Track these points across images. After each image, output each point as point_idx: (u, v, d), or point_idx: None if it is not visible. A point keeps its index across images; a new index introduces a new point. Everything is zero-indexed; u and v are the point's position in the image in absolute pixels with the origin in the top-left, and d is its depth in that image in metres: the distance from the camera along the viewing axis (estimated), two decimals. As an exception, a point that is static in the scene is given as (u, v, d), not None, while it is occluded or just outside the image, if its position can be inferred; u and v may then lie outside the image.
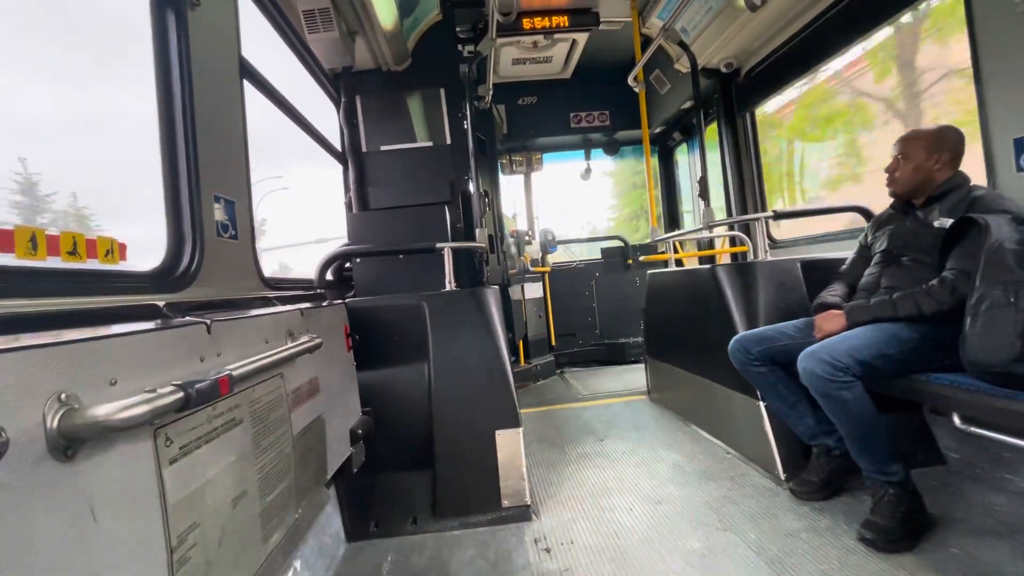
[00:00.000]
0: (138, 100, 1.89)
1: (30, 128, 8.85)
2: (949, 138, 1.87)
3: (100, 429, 0.69)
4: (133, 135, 13.24)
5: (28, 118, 9.31)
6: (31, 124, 8.92)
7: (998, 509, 1.78)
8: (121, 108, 28.59)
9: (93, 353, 0.75)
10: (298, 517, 1.46)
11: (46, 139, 17.63)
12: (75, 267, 1.14)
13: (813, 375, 1.75)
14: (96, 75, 31.00)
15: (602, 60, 5.09)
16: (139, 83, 1.65)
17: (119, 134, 29.68)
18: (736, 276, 2.53)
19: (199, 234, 1.60)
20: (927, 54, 3.22)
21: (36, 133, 8.92)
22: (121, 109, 27.54)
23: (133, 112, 27.85)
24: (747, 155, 4.17)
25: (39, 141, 9.83)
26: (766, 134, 4.26)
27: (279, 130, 2.85)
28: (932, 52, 3.15)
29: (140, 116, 1.98)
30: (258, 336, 1.31)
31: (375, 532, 2.06)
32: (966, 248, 1.68)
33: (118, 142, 27.41)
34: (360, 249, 3.10)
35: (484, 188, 4.27)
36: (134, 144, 14.29)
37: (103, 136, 31.29)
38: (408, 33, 3.54)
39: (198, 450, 0.97)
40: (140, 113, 1.72)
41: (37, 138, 9.20)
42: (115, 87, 29.25)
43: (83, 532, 0.69)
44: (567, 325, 5.55)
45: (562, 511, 2.13)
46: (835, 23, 3.08)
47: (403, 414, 2.21)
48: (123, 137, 26.44)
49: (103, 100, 33.52)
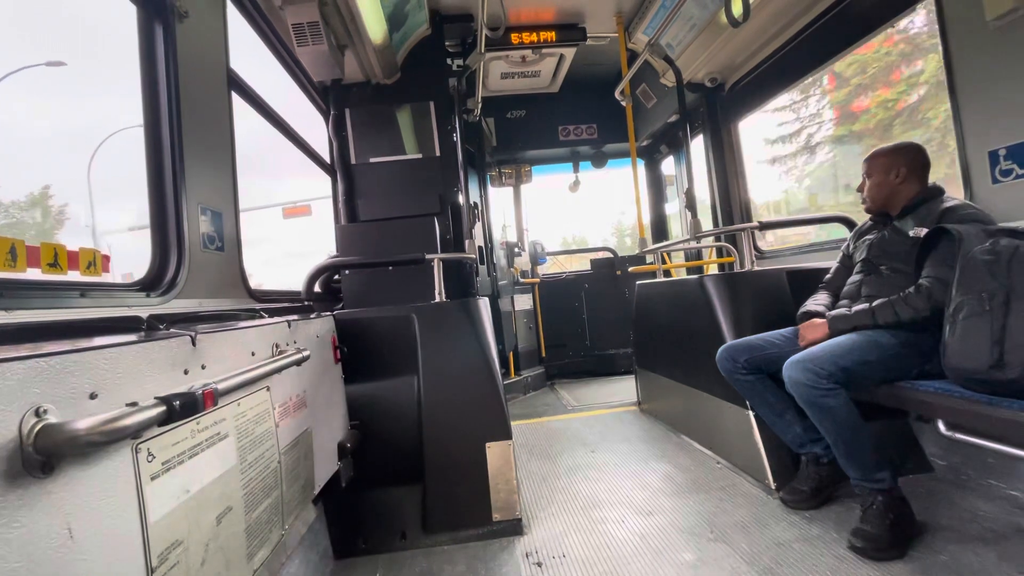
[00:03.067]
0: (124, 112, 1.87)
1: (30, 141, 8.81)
2: (905, 154, 1.96)
3: (79, 444, 0.67)
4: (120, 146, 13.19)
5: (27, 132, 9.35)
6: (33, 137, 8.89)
7: (984, 515, 1.80)
8: (110, 119, 28.40)
9: (72, 366, 0.73)
10: (284, 533, 1.43)
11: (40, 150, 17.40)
12: (56, 278, 1.12)
13: (798, 383, 1.77)
14: (82, 86, 30.71)
15: (589, 74, 5.17)
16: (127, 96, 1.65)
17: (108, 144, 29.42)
18: (723, 286, 2.56)
19: (184, 245, 1.58)
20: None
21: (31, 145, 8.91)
22: (109, 120, 27.35)
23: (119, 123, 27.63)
24: (732, 167, 4.24)
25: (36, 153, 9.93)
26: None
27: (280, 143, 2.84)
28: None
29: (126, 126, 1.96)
30: (244, 349, 1.29)
31: (363, 549, 2.02)
32: (940, 256, 1.73)
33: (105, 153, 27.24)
34: (349, 261, 3.08)
35: (473, 200, 4.28)
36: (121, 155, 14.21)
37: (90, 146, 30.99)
38: (398, 47, 3.56)
39: (181, 465, 0.94)
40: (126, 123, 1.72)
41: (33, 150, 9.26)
42: (104, 98, 29.06)
43: (60, 551, 0.67)
44: (557, 336, 5.55)
45: (553, 524, 2.11)
46: (815, 40, 3.16)
47: (392, 427, 2.18)
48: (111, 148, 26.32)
49: (91, 110, 33.19)
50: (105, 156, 9.72)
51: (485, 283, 4.36)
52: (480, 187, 4.84)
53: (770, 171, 10.13)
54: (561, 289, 5.67)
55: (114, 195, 23.64)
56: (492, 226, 5.02)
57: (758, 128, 9.94)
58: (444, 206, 3.67)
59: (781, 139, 10.51)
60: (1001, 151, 1.94)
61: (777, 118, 10.31)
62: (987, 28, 1.93)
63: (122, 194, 22.85)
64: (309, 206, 16.38)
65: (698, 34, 3.62)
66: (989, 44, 1.94)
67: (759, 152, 9.47)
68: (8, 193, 13.75)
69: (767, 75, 3.67)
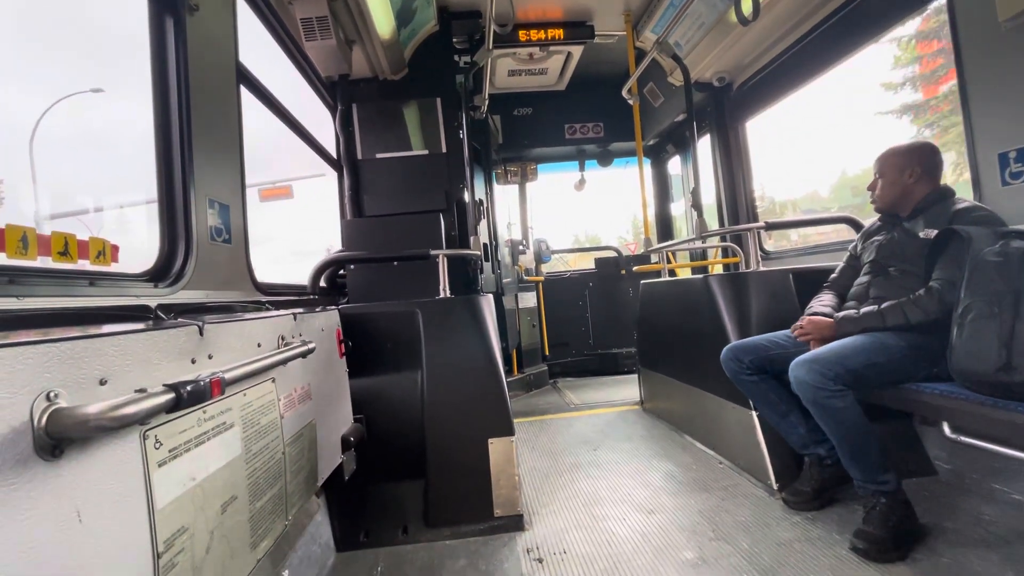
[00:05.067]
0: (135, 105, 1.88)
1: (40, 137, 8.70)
2: (920, 153, 1.94)
3: (88, 429, 0.68)
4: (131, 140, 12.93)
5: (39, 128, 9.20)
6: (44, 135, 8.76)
7: (988, 519, 1.79)
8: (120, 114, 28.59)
9: (82, 352, 0.74)
10: (288, 524, 1.44)
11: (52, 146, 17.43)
12: (67, 267, 1.13)
13: (804, 384, 1.76)
14: (95, 81, 30.85)
15: (597, 72, 5.15)
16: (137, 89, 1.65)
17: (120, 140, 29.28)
18: (729, 286, 2.55)
19: (192, 237, 1.59)
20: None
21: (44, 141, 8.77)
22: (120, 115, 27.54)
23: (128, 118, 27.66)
24: (739, 167, 4.22)
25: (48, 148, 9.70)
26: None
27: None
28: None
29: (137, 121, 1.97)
30: (251, 339, 1.30)
31: (365, 542, 2.03)
32: (950, 258, 1.71)
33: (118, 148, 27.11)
34: (354, 255, 3.09)
35: (479, 197, 4.28)
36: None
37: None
38: (405, 43, 3.57)
39: (188, 453, 0.95)
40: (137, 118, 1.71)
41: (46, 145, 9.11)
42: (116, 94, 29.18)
43: (68, 533, 0.68)
44: (560, 335, 5.55)
45: (555, 521, 2.12)
46: (825, 39, 3.14)
47: (395, 422, 2.19)
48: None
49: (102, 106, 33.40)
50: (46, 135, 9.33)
51: (489, 280, 4.37)
52: (486, 184, 4.84)
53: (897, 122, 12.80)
54: (565, 288, 5.67)
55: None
56: (497, 223, 5.02)
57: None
58: (450, 203, 3.67)
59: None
60: (1011, 153, 1.92)
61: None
62: (999, 29, 1.91)
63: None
64: (290, 187, 13.72)
65: (707, 33, 3.60)
66: (1001, 45, 1.93)
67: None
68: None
69: (776, 75, 3.65)
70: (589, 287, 5.68)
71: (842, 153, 16.28)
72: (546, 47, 4.11)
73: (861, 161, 15.20)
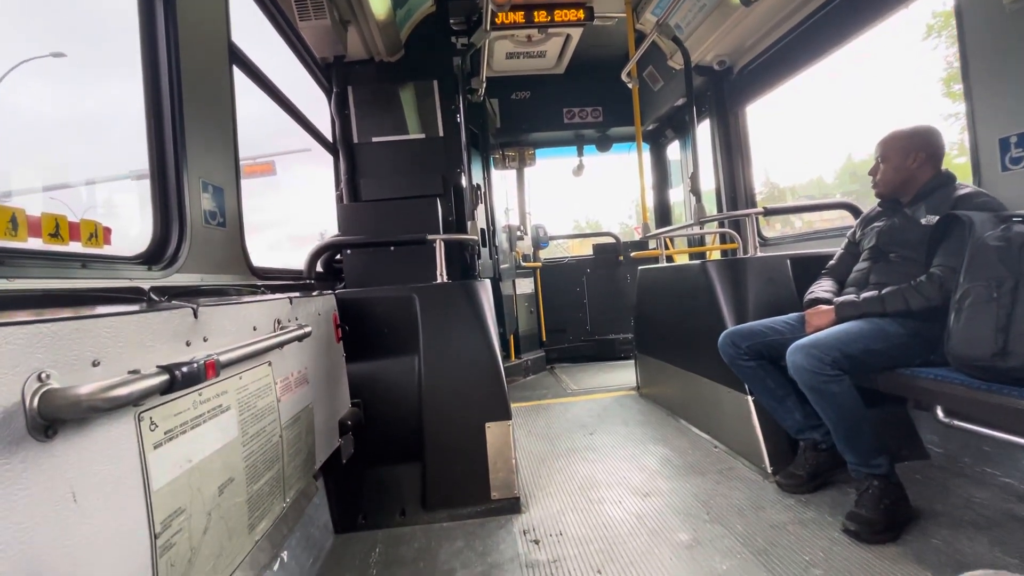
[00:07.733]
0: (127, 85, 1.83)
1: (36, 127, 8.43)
2: (924, 138, 1.91)
3: (81, 410, 0.67)
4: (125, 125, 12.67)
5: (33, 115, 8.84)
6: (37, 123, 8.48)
7: (978, 502, 1.81)
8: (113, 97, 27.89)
9: (75, 333, 0.73)
10: (286, 507, 1.45)
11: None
12: (59, 249, 1.12)
13: (801, 368, 1.77)
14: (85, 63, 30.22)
15: (596, 56, 5.09)
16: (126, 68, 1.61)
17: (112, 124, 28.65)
18: (726, 272, 2.55)
19: (186, 220, 1.57)
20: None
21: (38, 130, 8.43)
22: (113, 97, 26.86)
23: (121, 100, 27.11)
24: (738, 152, 4.19)
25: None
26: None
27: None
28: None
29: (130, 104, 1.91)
30: (246, 323, 1.29)
31: (363, 524, 2.05)
32: (952, 244, 1.70)
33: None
34: (351, 240, 3.07)
35: (476, 182, 4.25)
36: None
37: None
38: (401, 23, 3.50)
39: (183, 435, 0.95)
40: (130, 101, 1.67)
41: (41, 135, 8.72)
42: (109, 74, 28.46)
43: (63, 513, 0.68)
44: (558, 321, 5.55)
45: (551, 503, 2.14)
46: (827, 22, 3.10)
47: (393, 406, 2.20)
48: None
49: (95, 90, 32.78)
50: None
51: (487, 266, 4.35)
52: (483, 169, 4.80)
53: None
54: (563, 273, 5.66)
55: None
56: (495, 209, 4.99)
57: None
58: (447, 187, 3.65)
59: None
60: (1012, 138, 1.91)
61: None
62: (1003, 12, 1.88)
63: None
64: (272, 163, 12.62)
65: (708, 15, 3.55)
66: (1005, 29, 1.90)
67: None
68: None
69: (777, 58, 3.61)
70: (587, 273, 5.67)
71: (845, 138, 15.62)
72: (545, 29, 4.04)
73: (865, 146, 14.83)
